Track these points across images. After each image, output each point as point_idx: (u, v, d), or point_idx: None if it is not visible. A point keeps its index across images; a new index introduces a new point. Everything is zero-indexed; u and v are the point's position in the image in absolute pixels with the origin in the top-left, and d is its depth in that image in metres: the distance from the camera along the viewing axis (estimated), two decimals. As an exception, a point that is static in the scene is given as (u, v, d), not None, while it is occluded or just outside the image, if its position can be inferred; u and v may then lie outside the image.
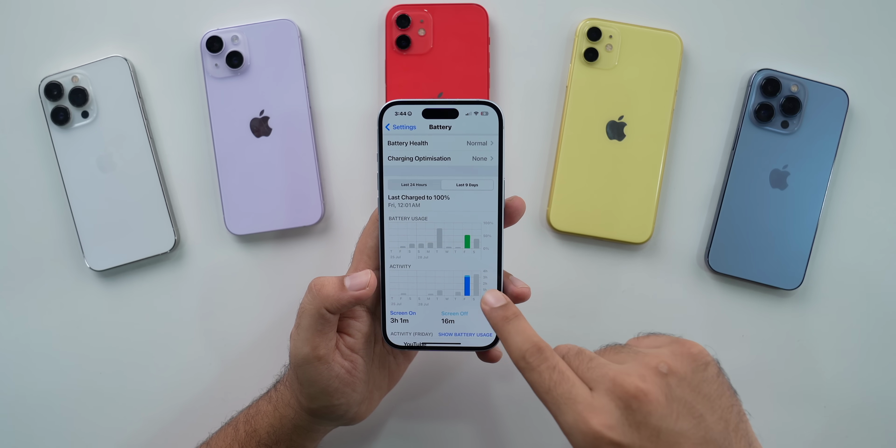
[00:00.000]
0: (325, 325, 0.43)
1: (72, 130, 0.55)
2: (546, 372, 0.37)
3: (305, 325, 0.43)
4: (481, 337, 0.46)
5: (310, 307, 0.43)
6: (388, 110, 0.44)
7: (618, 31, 0.55)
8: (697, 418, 0.34)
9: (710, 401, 0.35)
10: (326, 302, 0.43)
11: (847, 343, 0.56)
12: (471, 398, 0.56)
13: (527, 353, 0.38)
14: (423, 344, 0.46)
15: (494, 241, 0.45)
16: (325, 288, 0.43)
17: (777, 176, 0.55)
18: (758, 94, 0.55)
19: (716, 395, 0.36)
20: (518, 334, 0.39)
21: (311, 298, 0.43)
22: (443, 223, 0.45)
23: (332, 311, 0.43)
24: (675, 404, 0.35)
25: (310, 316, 0.43)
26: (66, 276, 0.56)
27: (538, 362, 0.38)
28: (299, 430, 0.47)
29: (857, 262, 0.56)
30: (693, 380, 0.36)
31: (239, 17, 0.56)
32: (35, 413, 0.56)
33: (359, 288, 0.43)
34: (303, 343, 0.43)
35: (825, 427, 0.56)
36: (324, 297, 0.43)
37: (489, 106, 0.43)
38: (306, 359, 0.43)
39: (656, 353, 0.37)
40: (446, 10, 0.54)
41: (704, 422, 0.34)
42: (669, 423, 0.34)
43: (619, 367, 0.37)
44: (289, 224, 0.55)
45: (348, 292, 0.43)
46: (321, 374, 0.44)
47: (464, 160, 0.44)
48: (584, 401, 0.35)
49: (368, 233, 0.46)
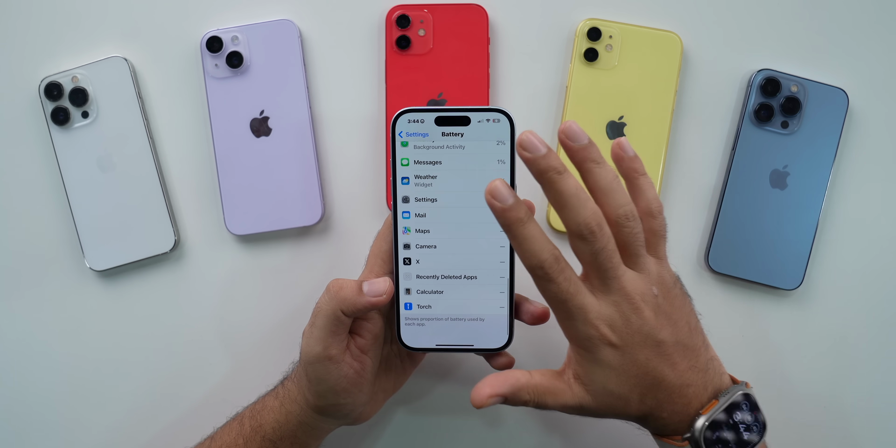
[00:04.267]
0: (339, 326, 0.44)
1: (72, 130, 0.55)
2: (563, 283, 0.40)
3: (320, 324, 0.44)
4: (494, 339, 0.46)
5: (326, 307, 0.43)
6: (402, 117, 0.44)
7: (618, 32, 0.55)
8: (673, 326, 0.42)
9: (679, 310, 0.42)
10: (343, 305, 0.43)
11: (847, 343, 0.56)
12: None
13: (545, 263, 0.39)
14: (437, 345, 0.46)
15: (506, 246, 0.45)
16: (343, 290, 0.43)
17: (777, 176, 0.55)
18: (758, 94, 0.55)
19: (680, 303, 0.43)
20: (534, 241, 0.39)
21: (329, 299, 0.44)
22: (455, 228, 0.45)
23: (348, 315, 0.44)
24: (660, 318, 0.41)
25: (325, 316, 0.43)
26: (66, 276, 0.56)
27: (556, 273, 0.40)
28: (304, 427, 0.47)
29: (857, 262, 0.56)
30: (668, 295, 0.42)
31: (239, 17, 0.56)
32: (35, 412, 0.57)
33: (376, 295, 0.44)
34: (315, 342, 0.44)
35: (825, 427, 0.56)
36: (341, 299, 0.43)
37: (501, 113, 0.44)
38: (318, 357, 0.44)
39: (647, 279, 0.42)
40: (446, 10, 0.54)
41: (677, 328, 0.42)
42: (655, 332, 0.41)
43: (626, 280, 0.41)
44: (289, 224, 0.55)
45: (365, 298, 0.43)
46: (330, 374, 0.44)
47: (475, 167, 0.44)
48: (594, 310, 0.40)
49: (383, 237, 0.47)
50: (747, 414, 0.43)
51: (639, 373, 0.41)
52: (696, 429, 0.41)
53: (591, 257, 0.40)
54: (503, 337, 0.46)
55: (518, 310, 0.47)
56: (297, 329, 0.51)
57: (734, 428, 0.42)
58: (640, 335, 0.41)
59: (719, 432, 0.41)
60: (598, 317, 0.40)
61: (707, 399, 0.42)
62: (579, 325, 0.40)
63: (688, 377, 0.42)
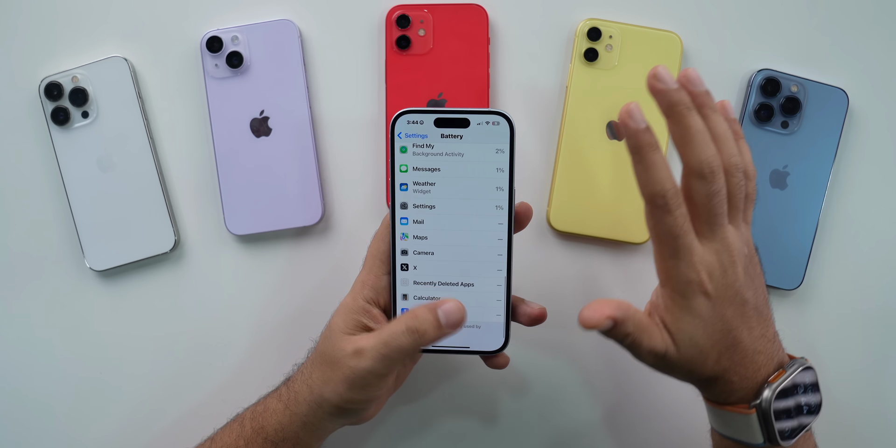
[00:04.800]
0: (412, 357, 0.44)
1: (72, 130, 0.55)
2: (680, 218, 0.39)
3: (396, 358, 0.43)
4: (491, 341, 0.46)
5: (409, 348, 0.42)
6: (401, 118, 0.44)
7: (618, 32, 0.55)
8: (755, 290, 0.42)
9: (759, 277, 0.43)
10: (425, 342, 0.42)
11: (847, 343, 0.56)
12: (471, 398, 0.56)
13: (668, 192, 0.39)
14: (434, 346, 0.46)
15: (504, 249, 0.45)
16: (427, 334, 0.42)
17: (777, 176, 0.55)
18: (758, 94, 0.55)
19: (757, 274, 0.43)
20: (663, 168, 0.39)
21: (412, 342, 0.42)
22: (453, 230, 0.45)
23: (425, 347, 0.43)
24: (747, 277, 0.42)
25: (405, 354, 0.43)
26: (66, 276, 0.56)
27: (676, 206, 0.39)
28: (308, 428, 0.47)
29: (857, 262, 0.56)
30: (753, 260, 0.43)
31: (239, 17, 0.56)
32: (35, 413, 0.57)
33: (454, 326, 0.42)
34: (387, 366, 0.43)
35: (825, 427, 0.56)
36: (427, 340, 0.42)
37: (501, 116, 0.43)
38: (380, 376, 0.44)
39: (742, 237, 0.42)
40: (446, 11, 0.54)
41: (758, 293, 0.42)
42: (743, 290, 0.41)
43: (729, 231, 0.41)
44: (289, 224, 0.55)
45: (444, 330, 0.42)
46: (380, 387, 0.45)
47: (474, 169, 0.44)
48: (699, 253, 0.40)
49: (381, 238, 0.47)
50: (809, 387, 0.43)
51: (723, 329, 0.41)
52: (765, 398, 0.41)
53: (705, 199, 0.40)
54: (499, 340, 0.46)
55: (515, 312, 0.47)
56: (297, 329, 0.51)
57: (795, 398, 0.42)
58: (732, 290, 0.41)
59: (784, 402, 0.42)
60: (701, 261, 0.40)
61: (773, 369, 0.42)
62: (682, 266, 0.40)
63: (760, 344, 0.42)
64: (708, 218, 0.40)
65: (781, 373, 0.42)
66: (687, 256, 0.40)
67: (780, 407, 0.41)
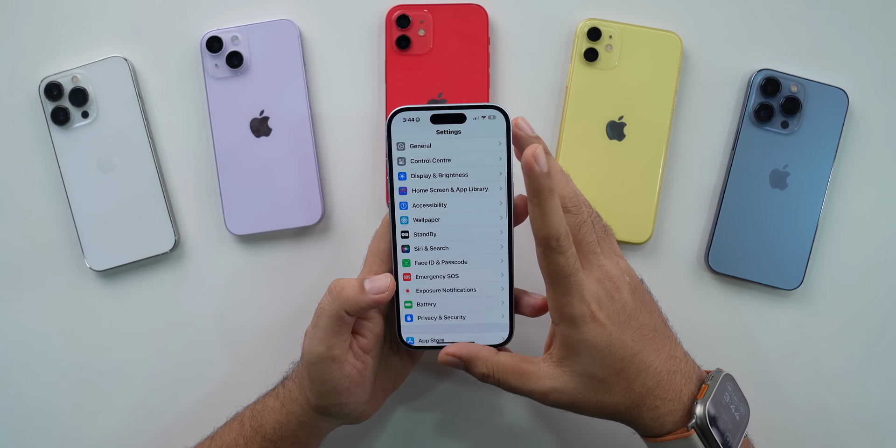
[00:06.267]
0: (342, 327, 0.44)
1: (72, 130, 0.55)
2: (571, 258, 0.42)
3: (323, 325, 0.44)
4: (494, 335, 0.46)
5: (329, 308, 0.43)
6: (397, 116, 0.44)
7: (618, 32, 0.55)
8: (649, 313, 0.44)
9: (650, 304, 0.45)
10: (346, 304, 0.43)
11: (847, 343, 0.56)
12: (471, 398, 0.56)
13: (562, 235, 0.41)
14: (438, 343, 0.46)
15: (505, 242, 0.45)
16: (345, 290, 0.43)
17: (777, 176, 0.55)
18: (758, 94, 0.55)
19: (648, 300, 0.45)
20: (558, 213, 0.41)
21: (331, 300, 0.44)
22: (453, 226, 0.45)
23: (351, 314, 0.44)
24: (637, 302, 0.44)
25: (328, 317, 0.43)
26: (66, 276, 0.56)
27: (567, 247, 0.41)
28: (305, 427, 0.47)
29: (857, 262, 0.56)
30: (639, 287, 0.45)
31: (239, 17, 0.56)
32: (35, 412, 0.57)
33: (378, 292, 0.44)
34: (318, 342, 0.44)
35: (825, 427, 0.56)
36: (344, 299, 0.43)
37: (496, 110, 0.44)
38: (320, 358, 0.44)
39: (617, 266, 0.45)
40: (446, 11, 0.54)
41: (653, 316, 0.44)
42: (636, 314, 0.43)
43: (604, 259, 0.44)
44: (289, 224, 0.55)
45: (368, 296, 0.43)
46: (333, 374, 0.44)
47: (472, 164, 0.44)
48: (588, 288, 0.42)
49: (381, 236, 0.47)
50: (734, 394, 0.44)
51: (626, 354, 0.42)
52: (698, 415, 0.42)
53: (575, 229, 0.43)
54: (503, 333, 0.46)
55: (518, 303, 0.47)
56: (297, 329, 0.51)
57: (726, 409, 0.43)
58: (624, 314, 0.42)
59: (718, 413, 0.42)
60: (590, 294, 0.42)
61: (696, 386, 0.43)
62: (574, 302, 0.41)
63: (672, 364, 0.43)
64: (581, 248, 0.43)
65: (706, 387, 0.43)
66: (578, 292, 0.41)
67: (716, 419, 0.42)
